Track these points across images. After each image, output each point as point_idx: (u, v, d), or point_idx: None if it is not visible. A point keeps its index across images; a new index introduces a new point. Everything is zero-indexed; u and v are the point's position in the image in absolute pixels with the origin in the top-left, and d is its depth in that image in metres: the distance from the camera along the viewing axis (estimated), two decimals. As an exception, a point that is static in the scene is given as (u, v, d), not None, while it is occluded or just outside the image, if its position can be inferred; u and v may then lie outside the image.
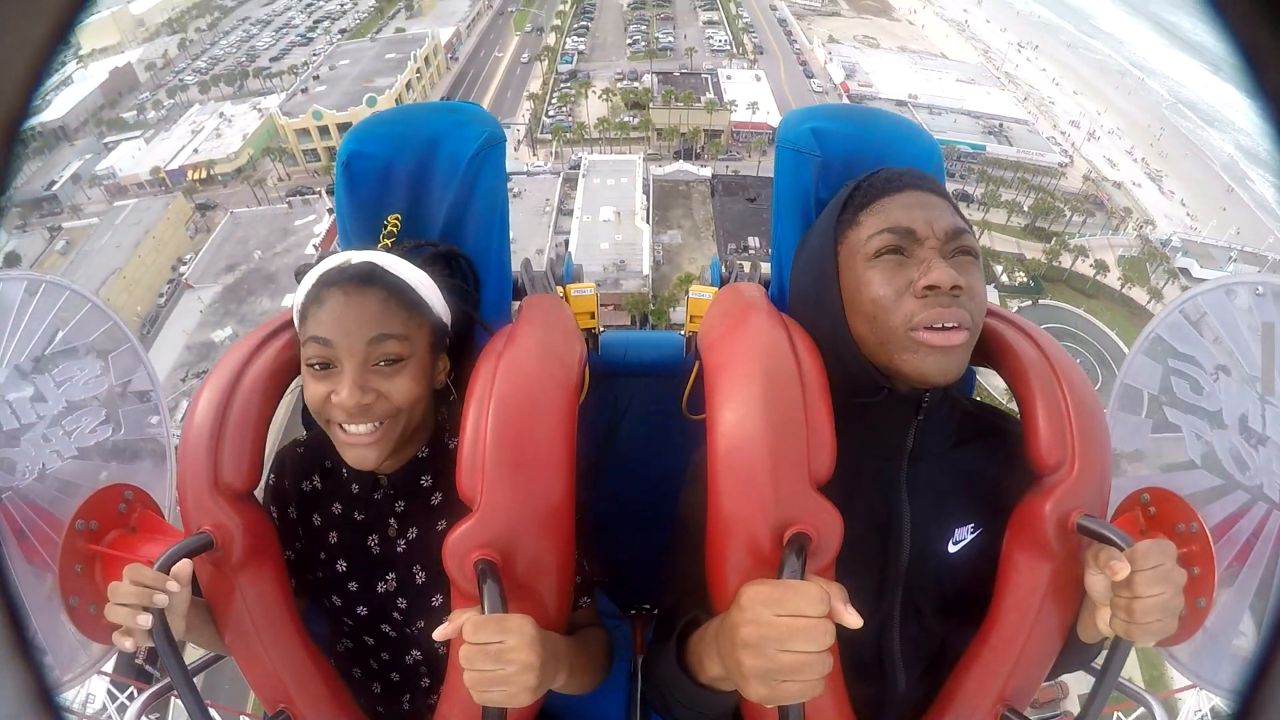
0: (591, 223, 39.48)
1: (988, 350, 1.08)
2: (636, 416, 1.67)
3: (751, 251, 37.45)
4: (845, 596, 0.78)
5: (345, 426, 0.99)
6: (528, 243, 38.02)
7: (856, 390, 0.98)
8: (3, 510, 1.14)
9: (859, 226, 0.98)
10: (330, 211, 39.03)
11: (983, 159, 46.53)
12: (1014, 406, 1.05)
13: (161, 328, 34.24)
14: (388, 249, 1.10)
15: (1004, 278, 38.48)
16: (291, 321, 1.12)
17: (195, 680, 0.94)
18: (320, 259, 1.07)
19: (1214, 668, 1.13)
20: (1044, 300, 37.80)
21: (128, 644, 0.90)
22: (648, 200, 41.50)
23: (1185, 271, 37.72)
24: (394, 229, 1.16)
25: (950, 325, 0.89)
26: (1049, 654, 0.99)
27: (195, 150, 47.32)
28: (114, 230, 38.35)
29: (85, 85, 56.54)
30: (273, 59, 60.96)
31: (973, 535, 1.03)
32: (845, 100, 49.77)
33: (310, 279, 1.04)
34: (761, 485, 0.87)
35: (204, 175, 45.62)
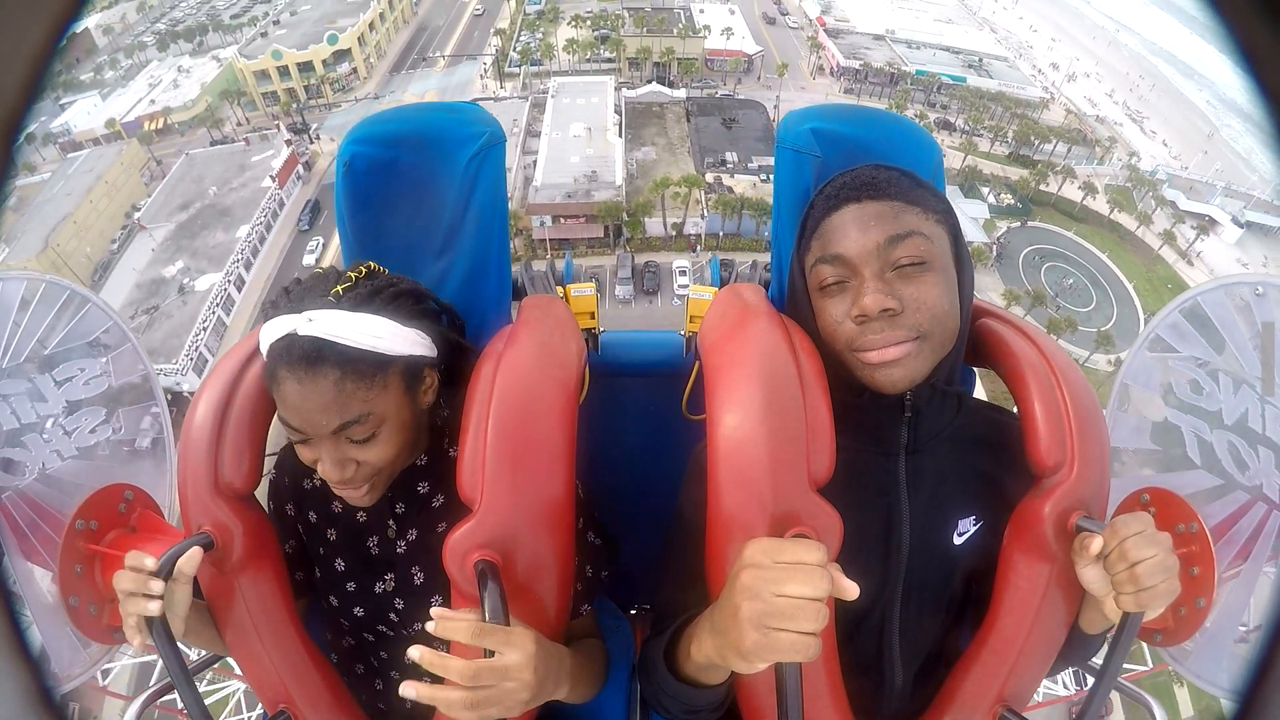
0: (561, 139, 37.34)
1: (987, 351, 1.08)
2: (636, 416, 1.67)
3: (730, 165, 36.09)
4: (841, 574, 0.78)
5: (335, 489, 1.02)
6: (494, 164, 36.62)
7: (847, 391, 0.99)
8: (3, 510, 1.14)
9: (809, 252, 1.01)
10: (288, 144, 38.90)
11: (964, 90, 45.91)
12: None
13: (113, 271, 33.03)
14: (338, 298, 0.97)
15: (991, 199, 37.89)
16: None
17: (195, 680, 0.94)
18: (271, 307, 0.98)
19: (1214, 668, 1.13)
20: (1033, 222, 37.38)
21: (136, 637, 0.90)
22: (620, 118, 39.60)
23: (1172, 203, 37.55)
24: (356, 277, 1.01)
25: (888, 344, 0.92)
26: (1048, 655, 0.99)
27: (152, 102, 45.22)
28: (66, 180, 36.98)
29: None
30: (233, 16, 57.11)
31: (975, 527, 1.03)
32: (822, 34, 48.73)
33: (263, 345, 0.97)
34: (761, 487, 0.87)
35: (160, 125, 43.91)
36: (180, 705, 0.98)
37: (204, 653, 1.20)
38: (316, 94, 46.84)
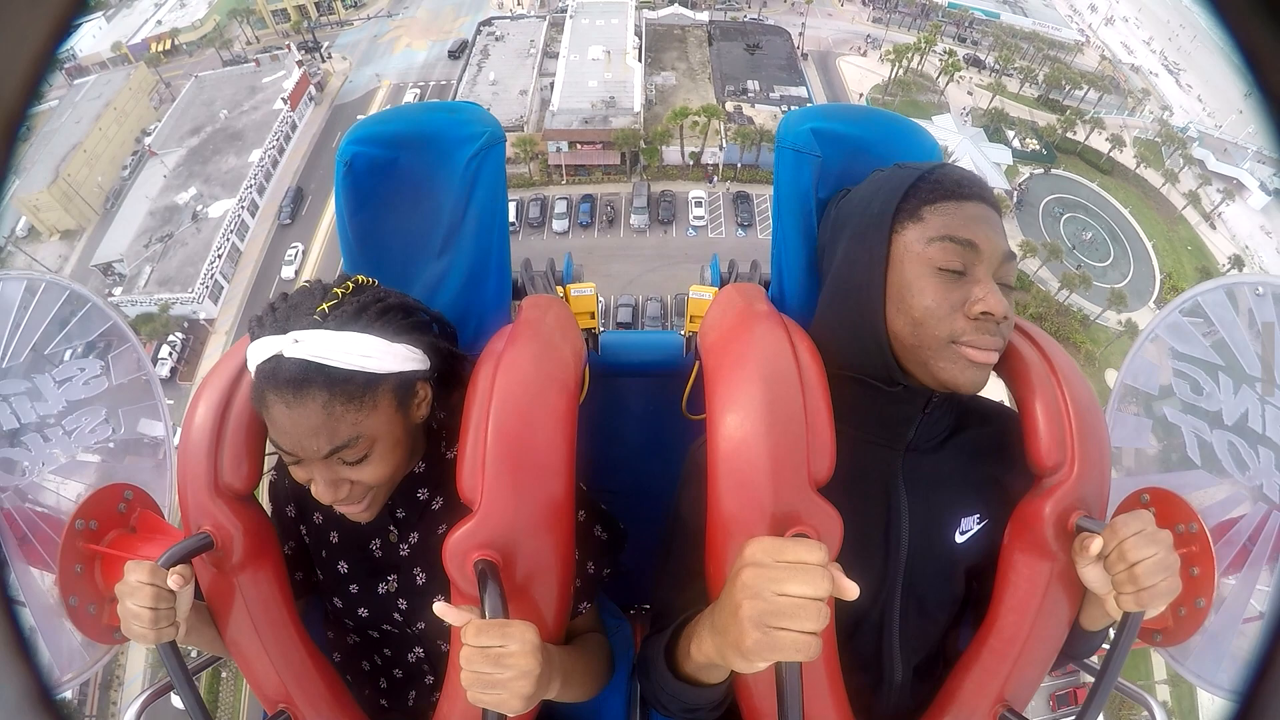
0: (579, 62, 35.89)
1: None
2: (636, 416, 1.67)
3: (751, 94, 34.50)
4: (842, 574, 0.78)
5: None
6: (511, 84, 35.22)
7: (873, 376, 0.98)
8: (3, 510, 1.14)
9: (921, 222, 0.95)
10: (300, 64, 37.40)
11: (996, 26, 44.31)
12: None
13: (125, 199, 31.86)
14: (324, 316, 0.93)
15: (1016, 143, 36.01)
16: None
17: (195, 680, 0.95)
18: (256, 325, 0.96)
19: (1214, 668, 1.13)
20: (1056, 170, 35.49)
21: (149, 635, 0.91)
22: (640, 41, 37.87)
23: (1201, 163, 35.91)
24: (343, 293, 0.98)
25: (992, 348, 0.92)
26: (1049, 654, 0.99)
27: (159, 22, 42.73)
28: (74, 107, 35.59)
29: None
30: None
31: (979, 526, 1.03)
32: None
33: (250, 365, 0.95)
34: (761, 487, 0.87)
35: (168, 46, 41.47)
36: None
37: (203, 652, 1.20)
38: (328, 11, 45.21)
